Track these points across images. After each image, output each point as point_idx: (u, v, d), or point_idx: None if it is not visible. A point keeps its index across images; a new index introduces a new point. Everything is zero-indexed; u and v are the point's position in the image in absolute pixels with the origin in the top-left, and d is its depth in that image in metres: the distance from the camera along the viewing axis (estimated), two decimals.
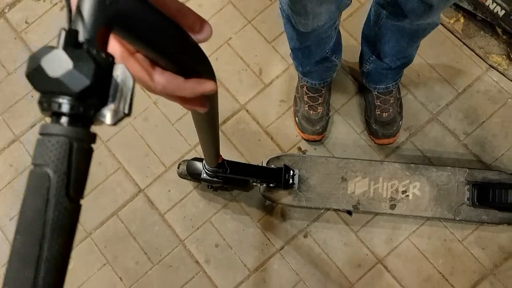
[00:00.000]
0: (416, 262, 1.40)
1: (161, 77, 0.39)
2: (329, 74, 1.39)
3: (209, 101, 0.49)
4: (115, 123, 0.29)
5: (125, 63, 0.38)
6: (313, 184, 1.37)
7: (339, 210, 1.41)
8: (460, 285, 1.37)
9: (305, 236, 1.45)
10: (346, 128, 1.52)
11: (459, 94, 1.51)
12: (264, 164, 1.38)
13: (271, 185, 1.32)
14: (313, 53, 1.24)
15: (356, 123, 1.52)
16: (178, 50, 0.37)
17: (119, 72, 0.29)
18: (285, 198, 1.36)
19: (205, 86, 0.41)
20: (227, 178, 1.24)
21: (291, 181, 1.31)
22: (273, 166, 1.35)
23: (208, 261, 1.45)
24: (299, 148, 1.52)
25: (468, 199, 1.31)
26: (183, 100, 0.43)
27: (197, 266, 1.44)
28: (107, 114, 0.29)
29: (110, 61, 0.29)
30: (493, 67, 1.51)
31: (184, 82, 0.40)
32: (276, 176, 1.30)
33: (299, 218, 1.46)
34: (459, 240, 1.39)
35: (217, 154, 0.97)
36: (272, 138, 1.54)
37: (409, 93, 1.53)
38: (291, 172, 1.32)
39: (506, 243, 1.38)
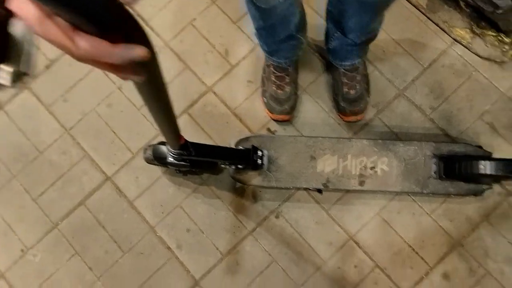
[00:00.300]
0: (387, 237, 1.41)
1: (83, 41, 0.36)
2: (295, 53, 1.37)
3: (146, 70, 0.46)
4: (14, 82, 0.27)
5: (43, 27, 0.35)
6: (282, 164, 1.35)
7: (309, 189, 1.41)
8: (430, 257, 1.39)
9: (276, 217, 1.44)
10: (315, 107, 1.51)
11: (424, 69, 1.52)
12: (232, 146, 1.36)
13: (239, 166, 1.30)
14: (277, 32, 1.22)
15: (325, 101, 1.51)
16: (98, 10, 0.35)
17: (19, 29, 0.26)
18: (254, 179, 1.35)
19: (135, 52, 0.39)
20: (194, 161, 1.22)
21: (259, 161, 1.30)
22: (241, 147, 1.33)
23: (180, 247, 1.43)
24: (268, 129, 1.51)
25: (435, 172, 1.32)
26: (114, 68, 0.40)
27: (169, 252, 1.42)
28: (6, 76, 0.26)
29: (5, 15, 0.26)
30: (457, 41, 1.51)
31: (111, 47, 0.37)
32: (244, 157, 1.28)
33: (270, 199, 1.45)
34: (427, 213, 1.41)
35: (177, 135, 0.94)
36: (240, 120, 1.52)
37: (375, 70, 1.53)
38: (259, 152, 1.30)
39: (473, 214, 1.40)
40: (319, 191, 1.42)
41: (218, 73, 1.55)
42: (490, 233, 1.39)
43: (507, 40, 1.38)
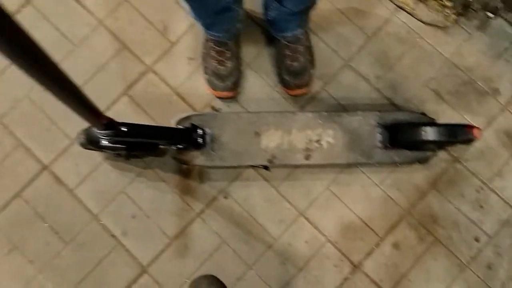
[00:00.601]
0: (337, 211, 1.39)
1: None
2: (233, 26, 1.31)
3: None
4: None
5: None
6: (225, 142, 1.31)
7: (254, 166, 1.37)
8: (380, 228, 1.38)
9: (225, 197, 1.40)
10: (259, 82, 1.47)
11: (369, 38, 1.49)
12: (174, 125, 1.30)
13: (179, 147, 1.25)
14: (209, 3, 1.15)
15: (269, 76, 1.47)
16: None
17: None
18: (197, 159, 1.30)
19: None
20: (131, 144, 1.15)
21: (200, 140, 1.25)
22: (180, 127, 1.28)
23: (125, 234, 1.37)
24: (213, 107, 1.45)
25: (379, 141, 1.30)
26: None
27: (114, 240, 1.37)
28: None
29: None
30: (400, 8, 1.49)
31: None
32: (184, 136, 1.23)
33: (218, 179, 1.41)
34: (376, 184, 1.40)
35: (92, 113, 0.87)
36: (184, 99, 1.46)
37: (320, 41, 1.49)
38: (199, 131, 1.25)
39: (420, 182, 1.40)
40: (266, 167, 1.38)
41: (158, 51, 1.48)
42: (438, 200, 1.39)
43: (448, 4, 1.36)
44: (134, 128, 1.08)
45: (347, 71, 1.47)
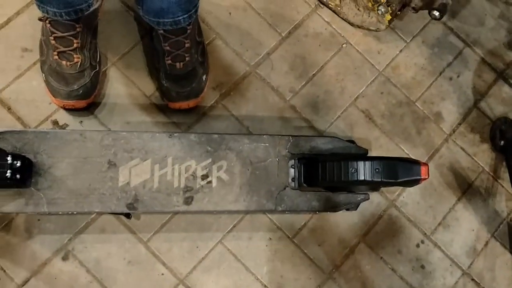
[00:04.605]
0: (233, 275, 0.97)
1: None
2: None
3: None
4: None
5: None
6: (60, 176, 0.84)
7: (104, 213, 0.92)
8: None
9: (64, 259, 0.93)
10: (130, 89, 1.03)
11: (283, 39, 1.12)
12: None
13: None
14: None
15: (144, 81, 1.04)
16: None
17: None
18: (10, 203, 0.81)
19: None
20: None
21: (7, 174, 0.77)
22: None
23: None
24: (55, 122, 0.98)
25: (292, 179, 0.92)
26: None
27: None
28: None
29: None
30: (323, 3, 1.15)
31: None
32: None
33: (55, 231, 0.94)
34: (288, 237, 1.01)
35: None
36: (9, 109, 0.98)
37: (217, 38, 1.09)
38: (8, 158, 0.77)
39: (346, 235, 1.03)
40: (127, 215, 0.93)
41: None
42: (368, 258, 1.03)
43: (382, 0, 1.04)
44: None
45: (253, 81, 1.08)
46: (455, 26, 1.19)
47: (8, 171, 0.77)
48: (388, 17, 1.08)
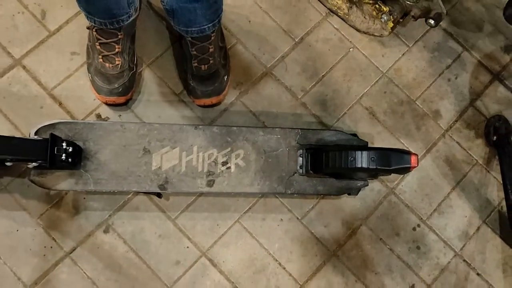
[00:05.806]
0: (248, 250, 1.12)
1: None
2: (122, 10, 1.02)
3: None
4: None
5: None
6: (104, 161, 1.00)
7: (141, 192, 1.08)
8: (300, 273, 1.12)
9: (105, 231, 1.09)
10: (161, 88, 1.19)
11: (296, 44, 1.26)
12: (32, 136, 0.98)
13: (34, 164, 0.92)
14: None
15: (174, 81, 1.19)
16: None
17: None
18: (63, 182, 0.98)
19: None
20: None
21: (63, 157, 0.93)
22: (37, 137, 0.96)
23: None
24: (98, 116, 1.15)
25: (300, 167, 1.05)
26: None
27: None
28: None
29: None
30: (333, 12, 1.28)
31: None
32: (38, 150, 0.91)
33: (98, 208, 1.10)
34: (298, 218, 1.15)
35: None
36: (60, 104, 1.14)
37: (238, 43, 1.24)
38: (64, 144, 0.94)
39: (349, 218, 1.16)
40: (158, 195, 1.09)
41: (31, 41, 1.17)
42: (369, 239, 1.16)
43: (384, 8, 1.16)
44: None
45: (269, 81, 1.22)
46: (455, 32, 1.30)
47: (63, 154, 0.94)
48: (391, 24, 1.20)
